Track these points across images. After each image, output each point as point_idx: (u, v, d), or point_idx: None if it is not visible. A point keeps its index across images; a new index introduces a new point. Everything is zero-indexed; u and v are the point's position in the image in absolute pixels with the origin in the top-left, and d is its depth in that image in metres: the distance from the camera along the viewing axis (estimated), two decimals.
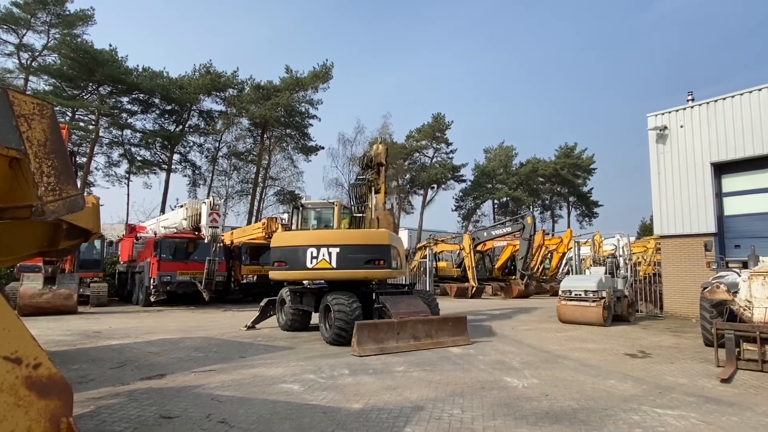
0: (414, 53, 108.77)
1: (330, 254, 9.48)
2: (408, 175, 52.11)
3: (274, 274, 10.37)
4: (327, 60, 41.02)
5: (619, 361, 7.85)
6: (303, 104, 41.80)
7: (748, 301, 7.26)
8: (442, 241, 31.60)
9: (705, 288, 8.27)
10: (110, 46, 33.30)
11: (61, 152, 3.44)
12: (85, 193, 5.04)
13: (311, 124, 43.24)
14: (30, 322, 11.88)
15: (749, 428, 4.50)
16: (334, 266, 9.50)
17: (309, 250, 9.52)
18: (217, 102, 40.04)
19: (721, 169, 14.05)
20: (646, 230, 52.08)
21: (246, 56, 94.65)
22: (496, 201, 58.60)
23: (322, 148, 43.55)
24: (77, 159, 28.70)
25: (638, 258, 23.81)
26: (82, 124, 33.63)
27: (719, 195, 14.01)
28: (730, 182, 13.96)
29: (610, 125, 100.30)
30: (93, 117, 34.43)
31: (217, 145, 41.19)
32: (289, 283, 11.60)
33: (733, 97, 13.66)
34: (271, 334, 10.76)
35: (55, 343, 9.34)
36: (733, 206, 13.83)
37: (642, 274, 18.08)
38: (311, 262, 9.52)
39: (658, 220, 15.10)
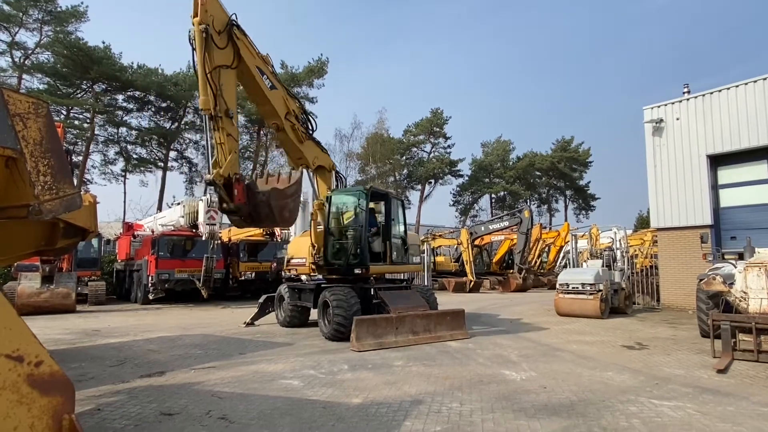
0: (410, 48, 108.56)
1: None
2: (405, 170, 52.14)
3: None
4: (322, 55, 40.96)
5: (616, 353, 7.91)
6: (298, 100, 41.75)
7: (744, 292, 7.32)
8: (440, 235, 31.65)
9: (701, 280, 8.34)
10: (104, 43, 33.08)
11: (57, 151, 3.44)
12: (82, 192, 5.03)
13: None
14: (28, 321, 11.77)
15: (745, 417, 4.55)
16: None
17: None
18: None
19: (717, 161, 14.10)
20: (642, 223, 52.36)
21: None
22: (493, 195, 58.72)
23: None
24: (72, 157, 28.58)
25: (635, 250, 23.96)
26: (77, 122, 33.47)
27: (715, 187, 14.08)
28: (725, 174, 14.01)
29: (607, 118, 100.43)
30: (88, 115, 34.25)
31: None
32: (287, 280, 11.63)
33: (728, 89, 13.68)
34: (270, 331, 10.78)
35: (54, 342, 9.33)
36: (729, 198, 13.90)
37: (639, 266, 18.15)
38: None
39: (654, 212, 15.15)
